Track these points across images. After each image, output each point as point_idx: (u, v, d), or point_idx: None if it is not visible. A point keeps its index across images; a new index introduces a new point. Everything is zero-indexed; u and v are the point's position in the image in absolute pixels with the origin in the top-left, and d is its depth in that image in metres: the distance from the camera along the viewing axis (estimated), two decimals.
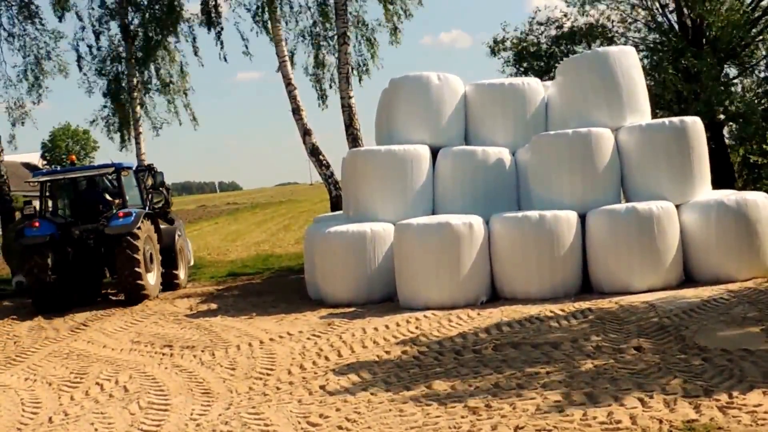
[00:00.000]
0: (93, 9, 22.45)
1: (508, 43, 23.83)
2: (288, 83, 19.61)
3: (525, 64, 23.29)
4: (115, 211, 15.35)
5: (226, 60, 22.00)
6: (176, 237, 17.14)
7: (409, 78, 14.00)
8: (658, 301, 10.59)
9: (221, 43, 21.49)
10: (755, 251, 11.81)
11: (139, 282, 14.74)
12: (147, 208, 16.39)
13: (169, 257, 16.65)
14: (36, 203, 16.13)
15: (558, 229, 11.85)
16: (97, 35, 22.65)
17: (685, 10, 22.42)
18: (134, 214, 14.88)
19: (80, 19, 22.55)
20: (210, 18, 21.30)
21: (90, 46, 22.79)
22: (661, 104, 20.68)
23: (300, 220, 37.68)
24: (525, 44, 23.57)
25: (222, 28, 21.36)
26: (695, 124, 12.56)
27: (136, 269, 14.66)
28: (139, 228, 14.82)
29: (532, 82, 14.29)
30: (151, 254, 15.40)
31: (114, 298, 16.05)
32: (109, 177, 16.42)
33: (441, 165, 13.44)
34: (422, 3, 21.20)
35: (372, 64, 21.77)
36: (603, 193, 12.38)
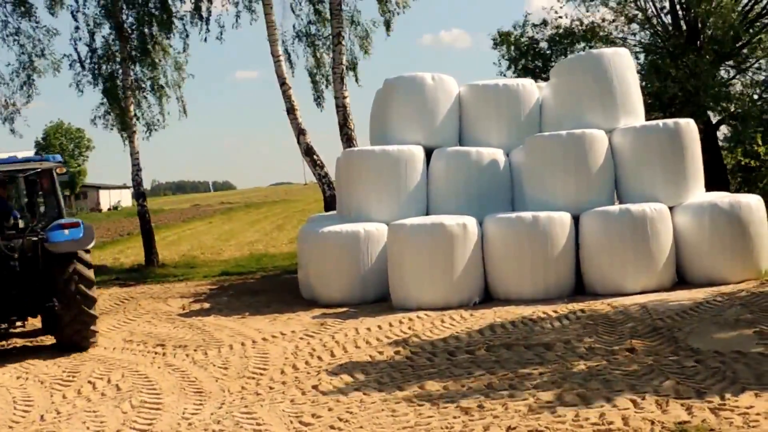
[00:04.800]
0: (86, 8, 22.40)
1: (512, 38, 23.77)
2: (282, 83, 19.58)
3: (522, 61, 23.27)
4: (39, 223, 11.12)
5: (206, 39, 21.92)
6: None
7: (404, 78, 14.01)
8: (651, 303, 10.60)
9: (207, 30, 21.57)
10: (748, 253, 11.84)
11: (92, 329, 10.87)
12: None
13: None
14: None
15: (551, 231, 11.86)
16: (92, 35, 22.60)
17: (681, 12, 22.45)
18: (83, 226, 10.75)
19: (75, 18, 22.50)
20: (199, 9, 21.37)
21: (87, 45, 22.74)
22: (656, 106, 20.69)
23: (294, 219, 37.67)
24: (522, 44, 23.54)
25: (210, 14, 21.44)
26: (689, 126, 12.59)
27: (91, 311, 10.69)
28: (88, 250, 10.85)
29: (526, 83, 14.31)
30: None
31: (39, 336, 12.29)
32: (31, 176, 11.53)
33: (435, 165, 13.44)
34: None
35: (365, 60, 21.81)
36: (597, 194, 12.39)
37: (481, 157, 13.33)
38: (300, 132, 19.34)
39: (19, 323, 11.28)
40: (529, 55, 23.26)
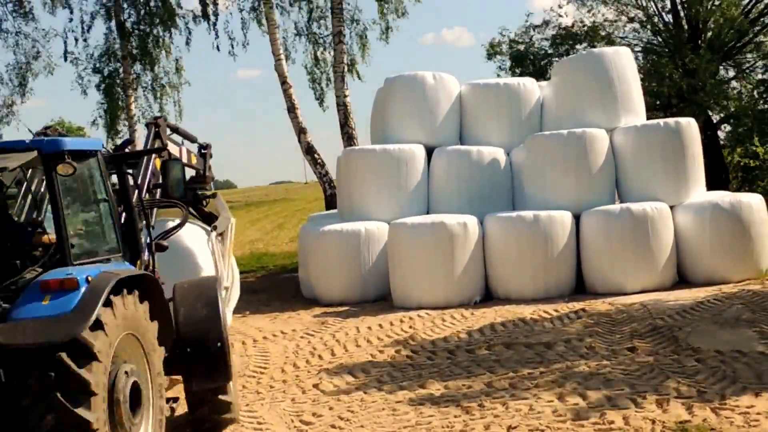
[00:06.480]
0: (85, 3, 22.40)
1: (504, 47, 23.74)
2: (283, 82, 19.57)
3: (521, 68, 23.20)
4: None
5: (218, 49, 21.79)
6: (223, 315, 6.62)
7: (404, 77, 14.00)
8: (651, 302, 10.59)
9: (216, 33, 21.56)
10: (749, 253, 11.83)
11: None
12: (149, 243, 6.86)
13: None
14: None
15: (552, 230, 11.86)
16: (89, 30, 22.56)
17: (682, 12, 22.44)
18: (82, 288, 5.06)
19: (71, 12, 22.47)
20: (206, 9, 21.37)
21: (77, 39, 22.68)
22: (657, 105, 20.67)
23: (294, 218, 37.59)
24: (521, 49, 23.46)
25: (217, 18, 21.44)
26: (690, 125, 12.59)
27: None
28: (98, 328, 4.97)
29: (527, 83, 14.29)
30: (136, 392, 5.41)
31: None
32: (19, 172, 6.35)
33: (436, 164, 13.43)
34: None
35: (362, 61, 21.84)
36: (597, 193, 12.38)
37: (482, 156, 13.32)
38: (301, 131, 19.34)
39: None
40: (528, 60, 23.17)
